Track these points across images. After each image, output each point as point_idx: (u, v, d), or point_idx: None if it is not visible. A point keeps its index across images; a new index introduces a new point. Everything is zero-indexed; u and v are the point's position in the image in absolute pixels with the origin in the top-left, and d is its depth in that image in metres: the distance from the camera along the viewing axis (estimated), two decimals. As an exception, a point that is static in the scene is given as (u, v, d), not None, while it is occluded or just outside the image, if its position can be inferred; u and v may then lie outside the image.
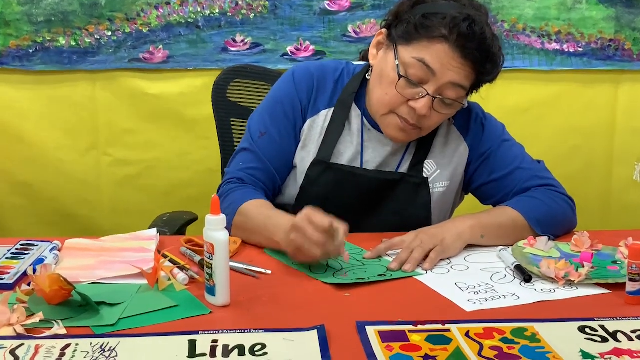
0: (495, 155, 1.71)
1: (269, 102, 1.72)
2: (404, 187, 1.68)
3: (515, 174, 1.70)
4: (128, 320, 1.19)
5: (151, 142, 2.67)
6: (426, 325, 1.16)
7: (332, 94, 1.70)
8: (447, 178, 1.70)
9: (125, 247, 1.52)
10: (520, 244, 1.53)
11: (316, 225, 1.36)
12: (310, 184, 1.67)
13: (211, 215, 1.24)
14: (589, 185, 2.69)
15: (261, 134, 1.68)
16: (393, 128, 1.61)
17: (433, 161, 1.70)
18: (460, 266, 1.46)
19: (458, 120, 1.71)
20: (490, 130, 1.73)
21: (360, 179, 1.66)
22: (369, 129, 1.68)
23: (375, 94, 1.62)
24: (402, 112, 1.58)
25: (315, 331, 1.14)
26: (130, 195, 2.71)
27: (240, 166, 1.68)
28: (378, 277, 1.38)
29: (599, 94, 2.64)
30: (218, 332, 1.14)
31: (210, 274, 1.24)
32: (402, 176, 1.68)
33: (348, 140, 1.68)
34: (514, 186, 1.69)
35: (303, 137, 1.69)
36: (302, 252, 1.39)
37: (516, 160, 1.71)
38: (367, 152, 1.68)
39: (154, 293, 1.30)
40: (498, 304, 1.27)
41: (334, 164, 1.66)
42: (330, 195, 1.66)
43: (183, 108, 2.63)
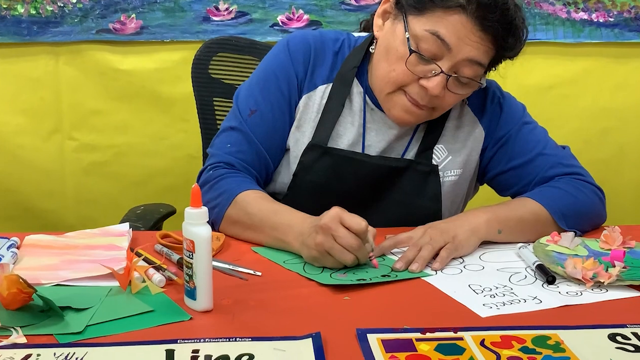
0: (515, 139, 1.72)
1: (260, 75, 1.72)
2: (411, 176, 1.68)
3: (537, 160, 1.70)
4: (97, 327, 1.19)
5: (122, 125, 2.67)
6: (436, 333, 1.17)
7: (331, 68, 1.70)
8: (459, 165, 1.71)
9: (93, 244, 1.52)
10: (542, 241, 1.53)
11: (350, 227, 1.37)
12: (305, 171, 1.67)
13: (191, 208, 1.24)
14: (621, 174, 2.70)
15: (251, 112, 1.68)
16: (399, 109, 1.61)
17: (444, 147, 1.70)
18: (475, 266, 1.46)
19: (473, 101, 1.71)
20: (509, 112, 1.74)
21: (362, 166, 1.66)
22: (372, 109, 1.68)
23: (380, 70, 1.62)
24: (411, 92, 1.58)
25: (309, 340, 1.14)
26: (99, 185, 2.72)
27: (227, 148, 1.67)
28: (381, 278, 1.39)
29: (632, 70, 2.64)
30: (199, 340, 1.14)
31: (191, 274, 1.24)
32: (409, 163, 1.68)
33: (348, 121, 1.68)
34: (536, 175, 1.69)
35: (298, 116, 1.69)
36: (328, 258, 1.40)
37: (538, 145, 1.72)
38: (369, 135, 1.69)
39: (126, 296, 1.29)
40: (517, 309, 1.27)
41: (331, 149, 1.67)
42: (327, 183, 1.67)
43: (159, 86, 2.63)
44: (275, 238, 1.51)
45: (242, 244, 1.56)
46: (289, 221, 1.49)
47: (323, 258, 1.40)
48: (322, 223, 1.39)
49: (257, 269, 1.42)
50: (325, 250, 1.39)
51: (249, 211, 1.55)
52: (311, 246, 1.41)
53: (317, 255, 1.41)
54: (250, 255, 1.50)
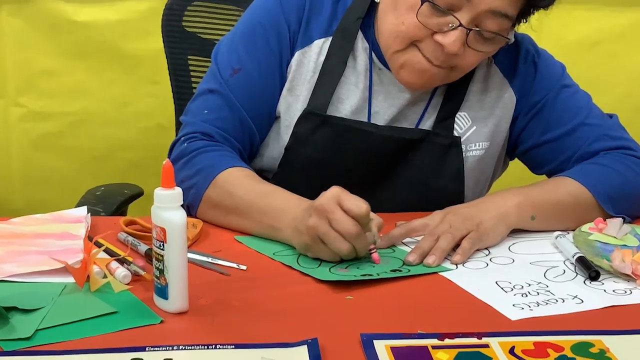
0: (552, 106, 1.72)
1: (245, 27, 1.72)
2: (428, 150, 1.69)
3: (578, 132, 1.71)
4: (48, 332, 1.18)
5: (79, 88, 2.66)
6: (456, 339, 1.17)
7: (330, 19, 1.70)
8: (486, 137, 1.71)
9: (43, 233, 1.52)
10: (584, 229, 1.53)
11: (349, 210, 1.36)
12: (299, 144, 1.67)
13: (162, 189, 1.23)
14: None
15: (234, 71, 1.68)
16: (410, 69, 1.61)
17: (467, 114, 1.70)
18: (503, 259, 1.47)
19: (501, 60, 1.71)
20: (546, 72, 1.74)
21: (368, 138, 1.67)
22: (380, 69, 1.69)
23: (387, 24, 1.62)
24: (424, 49, 1.58)
25: (305, 347, 1.14)
26: (51, 161, 2.71)
27: (205, 115, 1.67)
28: (390, 273, 1.39)
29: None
30: (172, 348, 1.13)
31: (161, 269, 1.24)
32: (425, 134, 1.68)
33: (351, 82, 1.69)
34: (577, 149, 1.70)
35: (290, 76, 1.69)
36: (321, 246, 1.39)
37: (580, 113, 1.72)
38: (376, 99, 1.69)
39: (84, 295, 1.29)
40: (554, 310, 1.28)
41: (331, 117, 1.67)
42: (325, 159, 1.67)
43: (123, 41, 2.62)
44: (264, 225, 1.51)
45: (223, 232, 1.56)
46: (281, 205, 1.49)
47: (316, 246, 1.40)
48: (318, 204, 1.38)
49: (241, 262, 1.42)
50: (319, 236, 1.39)
51: (232, 193, 1.55)
52: (303, 231, 1.41)
53: (309, 242, 1.41)
54: (234, 246, 1.51)
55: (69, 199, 1.99)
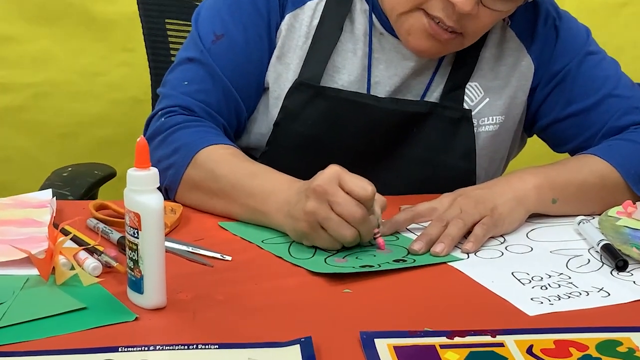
0: (576, 75, 1.73)
1: None
2: (435, 125, 1.70)
3: (605, 104, 1.72)
4: (9, 330, 1.19)
5: (43, 57, 2.67)
6: (467, 338, 1.17)
7: None
8: (500, 111, 1.72)
9: (3, 219, 1.52)
10: (611, 213, 1.54)
11: (352, 191, 1.36)
12: (290, 119, 1.68)
13: (136, 169, 1.23)
14: None
15: (216, 37, 1.69)
16: (418, 34, 1.61)
17: (479, 85, 1.71)
18: (520, 247, 1.48)
19: (518, 22, 1.72)
20: (568, 37, 1.75)
21: (368, 112, 1.68)
22: (382, 34, 1.70)
23: None
24: (433, 9, 1.57)
25: (297, 347, 1.14)
26: (11, 139, 2.72)
27: (185, 87, 1.68)
28: (394, 263, 1.40)
29: None
30: (148, 348, 1.14)
31: (136, 259, 1.24)
32: (432, 107, 1.69)
33: (349, 49, 1.70)
34: (604, 123, 1.71)
35: (280, 42, 1.70)
36: (320, 233, 1.40)
37: (607, 83, 1.73)
38: (377, 68, 1.70)
39: (49, 289, 1.30)
40: (577, 305, 1.28)
41: (326, 88, 1.68)
42: (319, 136, 1.68)
43: (92, 4, 2.63)
44: (251, 208, 1.51)
45: (206, 218, 1.57)
46: (271, 186, 1.50)
47: (314, 233, 1.41)
48: (316, 185, 1.38)
49: (226, 252, 1.42)
50: (318, 221, 1.39)
51: (215, 172, 1.55)
52: (299, 217, 1.41)
53: (307, 230, 1.41)
54: (218, 234, 1.51)
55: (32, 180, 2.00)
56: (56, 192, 1.63)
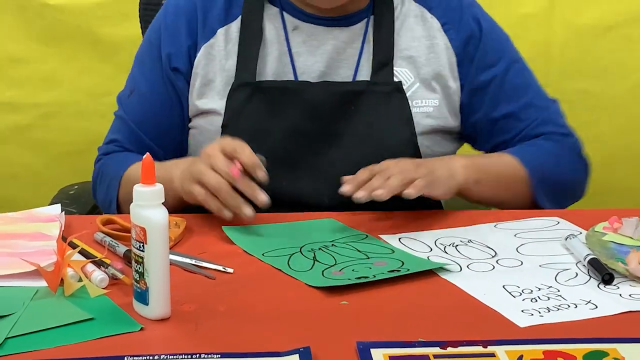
0: (503, 81, 1.80)
1: (141, 45, 1.84)
2: (370, 100, 1.75)
3: (526, 112, 1.81)
4: (19, 340, 1.19)
5: (51, 77, 2.66)
6: (460, 348, 1.17)
7: (225, 6, 1.76)
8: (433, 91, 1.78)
9: (13, 233, 1.53)
10: (598, 228, 1.54)
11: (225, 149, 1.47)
12: (236, 116, 1.72)
13: (142, 185, 1.24)
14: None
15: (130, 92, 1.80)
16: None
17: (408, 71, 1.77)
18: (511, 260, 1.47)
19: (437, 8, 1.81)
20: (496, 41, 1.82)
21: (304, 96, 1.73)
22: (296, 27, 1.75)
23: None
24: None
25: (296, 356, 1.14)
26: (20, 157, 2.71)
27: (107, 137, 1.82)
28: (388, 273, 1.40)
29: None
30: (153, 357, 1.14)
31: (141, 272, 1.24)
32: (365, 85, 1.74)
33: (269, 53, 1.75)
34: (522, 129, 1.81)
35: (202, 71, 1.75)
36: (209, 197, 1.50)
37: (529, 91, 1.82)
38: (298, 60, 1.75)
39: (58, 300, 1.30)
40: (566, 316, 1.28)
41: (263, 82, 1.73)
42: (267, 127, 1.72)
43: (99, 26, 2.63)
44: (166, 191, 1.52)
45: (209, 232, 1.57)
46: (175, 164, 1.61)
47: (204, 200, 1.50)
48: (204, 149, 1.51)
49: (228, 264, 1.42)
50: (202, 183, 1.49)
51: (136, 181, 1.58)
52: (186, 176, 1.52)
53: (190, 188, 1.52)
54: (220, 247, 1.51)
55: (40, 197, 1.99)
56: (65, 208, 1.64)
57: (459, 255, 1.49)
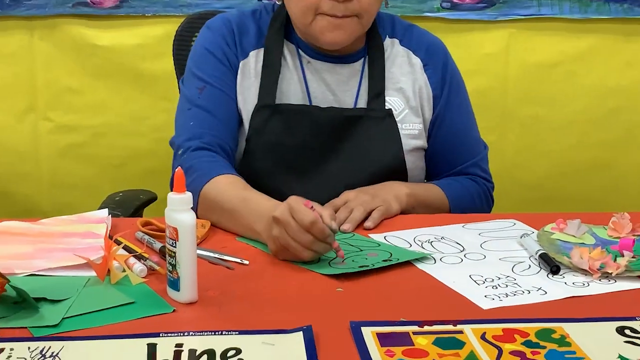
0: (453, 119, 1.81)
1: (194, 59, 1.78)
2: (366, 123, 1.74)
3: (463, 152, 1.82)
4: (74, 320, 1.18)
5: (101, 104, 2.66)
6: (434, 326, 1.17)
7: (257, 34, 1.76)
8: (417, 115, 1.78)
9: (69, 232, 1.52)
10: (547, 229, 1.53)
11: (300, 221, 1.35)
12: (257, 134, 1.71)
13: (174, 193, 1.23)
14: (629, 156, 2.71)
15: (200, 90, 1.73)
16: (325, 31, 1.67)
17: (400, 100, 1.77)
18: (476, 255, 1.47)
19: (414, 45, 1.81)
20: (456, 88, 1.82)
21: (314, 118, 1.72)
22: (309, 62, 1.75)
23: (293, 8, 1.70)
24: (325, 9, 1.65)
25: (300, 333, 1.14)
26: (75, 169, 2.71)
27: (190, 127, 1.70)
28: (382, 262, 1.39)
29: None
30: (183, 334, 1.13)
31: (174, 264, 1.24)
32: (363, 111, 1.74)
33: (288, 78, 1.74)
34: (456, 166, 1.82)
35: (238, 82, 1.75)
36: (287, 253, 1.39)
37: (470, 137, 1.84)
38: (312, 86, 1.74)
39: (105, 287, 1.29)
40: (521, 300, 1.28)
41: (281, 105, 1.72)
42: (282, 142, 1.71)
43: (139, 63, 2.62)
44: (245, 227, 1.51)
45: (227, 232, 1.56)
46: (259, 210, 1.48)
47: (283, 253, 1.40)
48: (275, 215, 1.38)
49: (244, 258, 1.41)
50: (282, 245, 1.39)
51: (218, 199, 1.57)
52: (270, 239, 1.41)
53: (276, 250, 1.41)
54: (237, 244, 1.50)
55: (91, 202, 1.99)
56: (111, 211, 1.63)
57: (433, 250, 1.48)
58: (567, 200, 2.66)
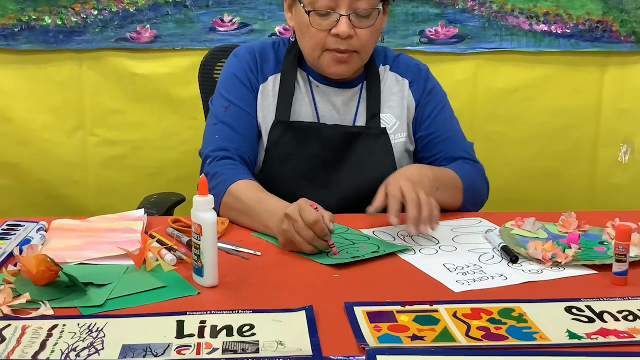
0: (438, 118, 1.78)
1: (222, 82, 1.77)
2: (365, 139, 1.73)
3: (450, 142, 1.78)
4: (115, 301, 1.19)
5: (138, 122, 2.66)
6: (414, 306, 1.17)
7: (275, 62, 1.76)
8: (403, 129, 1.77)
9: (112, 228, 1.52)
10: (507, 225, 1.53)
11: (306, 220, 1.36)
12: (275, 145, 1.71)
13: (199, 196, 1.24)
14: (575, 166, 2.70)
15: (225, 108, 1.72)
16: (331, 63, 1.67)
17: (392, 114, 1.76)
18: (449, 247, 1.46)
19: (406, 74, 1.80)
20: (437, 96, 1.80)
21: (321, 133, 1.71)
22: (317, 86, 1.74)
23: (304, 45, 1.70)
24: (330, 45, 1.64)
25: (303, 312, 1.14)
26: (117, 176, 2.70)
27: (216, 140, 1.70)
28: (371, 254, 1.39)
29: (586, 76, 2.64)
30: (206, 312, 1.13)
31: (198, 254, 1.24)
32: (362, 129, 1.73)
33: (300, 99, 1.74)
34: (446, 152, 1.77)
35: (259, 103, 1.74)
36: (292, 245, 1.40)
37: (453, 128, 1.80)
38: (319, 106, 1.74)
39: (141, 274, 1.29)
40: (485, 285, 1.27)
41: (294, 122, 1.71)
42: (294, 152, 1.70)
43: (170, 88, 2.62)
44: (260, 223, 1.51)
45: (242, 228, 1.56)
46: (271, 209, 1.49)
47: (289, 244, 1.40)
48: (286, 212, 1.39)
49: (257, 250, 1.41)
50: (289, 238, 1.39)
51: (239, 199, 1.56)
52: (279, 232, 1.42)
53: (284, 242, 1.41)
54: (251, 238, 1.50)
55: (130, 203, 1.98)
56: (146, 211, 1.63)
57: (413, 243, 1.48)
58: (524, 201, 2.66)
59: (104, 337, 1.06)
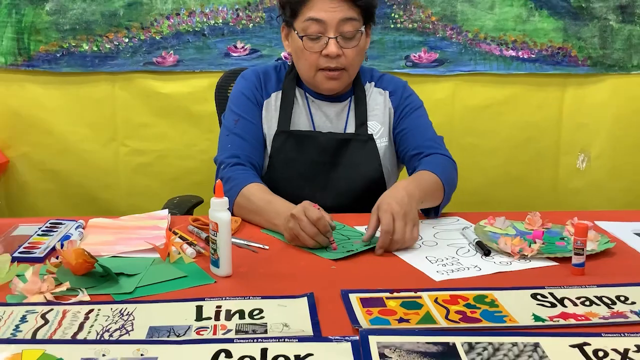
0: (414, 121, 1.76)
1: (232, 100, 1.77)
2: (355, 145, 1.72)
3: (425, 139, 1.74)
4: (143, 288, 1.19)
5: (163, 135, 2.65)
6: (401, 293, 1.17)
7: (277, 81, 1.77)
8: (386, 134, 1.76)
9: (141, 225, 1.52)
10: (481, 223, 1.53)
11: (310, 217, 1.36)
12: (277, 152, 1.71)
13: (215, 198, 1.24)
14: (539, 172, 2.70)
15: (235, 121, 1.72)
16: (324, 81, 1.68)
17: (377, 121, 1.76)
18: (430, 242, 1.46)
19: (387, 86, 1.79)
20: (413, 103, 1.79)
21: (318, 141, 1.71)
22: (313, 100, 1.75)
23: (300, 67, 1.70)
24: (322, 64, 1.65)
25: (305, 298, 1.14)
26: (145, 181, 2.70)
27: (229, 148, 1.69)
28: (364, 247, 1.39)
29: (548, 94, 2.65)
30: (222, 299, 1.13)
31: (215, 248, 1.24)
32: (352, 135, 1.73)
33: (298, 112, 1.74)
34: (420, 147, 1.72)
35: (264, 116, 1.74)
36: (297, 240, 1.40)
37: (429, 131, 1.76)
38: (315, 117, 1.74)
39: (166, 265, 1.29)
40: (462, 275, 1.27)
41: (293, 131, 1.71)
42: (295, 158, 1.70)
43: (190, 105, 2.62)
44: (268, 222, 1.51)
45: (252, 226, 1.55)
46: (278, 209, 1.49)
47: (294, 240, 1.40)
48: (292, 212, 1.39)
49: (266, 244, 1.41)
50: (295, 234, 1.39)
51: (250, 200, 1.56)
52: (286, 230, 1.41)
53: (290, 238, 1.41)
54: (261, 234, 1.50)
55: (156, 205, 1.98)
56: (170, 211, 1.63)
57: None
58: (496, 203, 2.66)
59: (134, 320, 1.06)
